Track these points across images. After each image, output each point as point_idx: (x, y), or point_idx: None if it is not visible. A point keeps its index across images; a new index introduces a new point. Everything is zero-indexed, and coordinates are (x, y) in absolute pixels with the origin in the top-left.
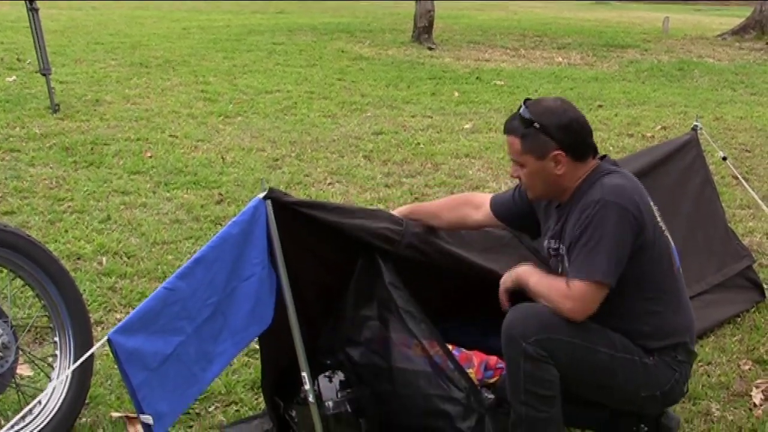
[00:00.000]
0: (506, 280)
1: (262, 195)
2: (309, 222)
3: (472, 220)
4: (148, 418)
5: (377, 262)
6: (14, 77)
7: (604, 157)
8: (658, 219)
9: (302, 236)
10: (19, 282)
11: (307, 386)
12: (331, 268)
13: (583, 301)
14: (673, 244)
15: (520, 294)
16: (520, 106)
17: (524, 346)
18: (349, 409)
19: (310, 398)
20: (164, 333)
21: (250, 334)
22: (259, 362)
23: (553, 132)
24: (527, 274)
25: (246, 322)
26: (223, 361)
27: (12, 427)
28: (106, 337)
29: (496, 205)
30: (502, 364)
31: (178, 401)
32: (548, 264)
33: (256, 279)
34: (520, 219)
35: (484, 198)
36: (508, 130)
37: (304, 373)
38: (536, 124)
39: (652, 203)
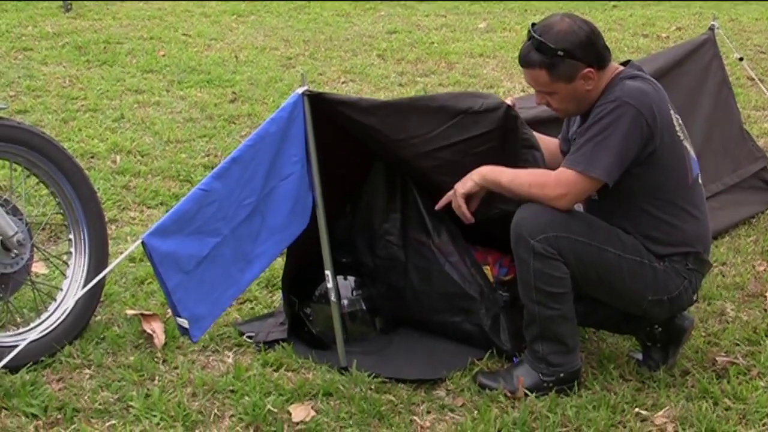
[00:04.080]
0: (464, 183)
1: (301, 90)
2: (340, 118)
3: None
4: (183, 322)
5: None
6: None
7: (628, 62)
8: (677, 128)
9: (331, 132)
10: (33, 180)
11: (330, 284)
12: (355, 166)
13: (573, 191)
14: (693, 153)
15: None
16: (531, 36)
17: (532, 243)
18: (364, 307)
19: (332, 297)
20: (200, 235)
21: (291, 233)
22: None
23: (577, 54)
24: (495, 173)
25: (286, 221)
26: (263, 262)
27: (28, 324)
28: (139, 240)
29: (564, 144)
30: None
31: (215, 304)
32: None
33: (296, 177)
34: None
35: (555, 146)
36: (529, 63)
37: (327, 272)
38: (560, 52)
39: (673, 112)
